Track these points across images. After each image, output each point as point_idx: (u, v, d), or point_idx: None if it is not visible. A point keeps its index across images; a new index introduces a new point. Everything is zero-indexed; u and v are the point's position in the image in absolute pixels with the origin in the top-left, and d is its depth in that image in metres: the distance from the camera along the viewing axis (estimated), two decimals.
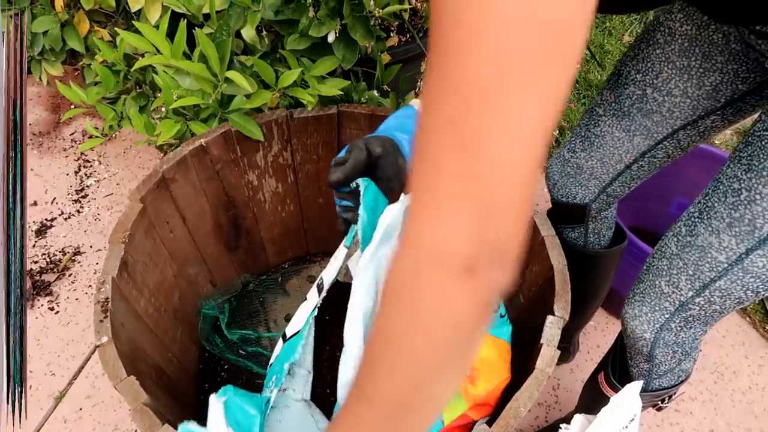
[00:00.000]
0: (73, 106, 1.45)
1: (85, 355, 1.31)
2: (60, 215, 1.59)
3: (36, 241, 1.52)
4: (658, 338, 0.76)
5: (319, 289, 0.79)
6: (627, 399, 0.65)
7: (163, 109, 1.14)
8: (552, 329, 0.74)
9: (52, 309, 1.39)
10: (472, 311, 0.38)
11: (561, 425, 0.77)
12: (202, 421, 0.65)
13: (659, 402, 0.89)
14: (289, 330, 0.83)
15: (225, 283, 1.16)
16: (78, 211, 1.60)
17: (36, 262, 1.47)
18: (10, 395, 0.67)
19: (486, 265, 0.36)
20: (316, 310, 0.78)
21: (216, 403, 0.67)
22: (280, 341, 0.85)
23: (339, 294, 0.87)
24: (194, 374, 1.09)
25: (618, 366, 0.89)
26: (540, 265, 0.87)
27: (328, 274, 0.77)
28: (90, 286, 1.43)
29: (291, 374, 0.94)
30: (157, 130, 1.08)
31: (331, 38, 1.16)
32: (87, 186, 1.66)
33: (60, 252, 1.50)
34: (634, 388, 0.66)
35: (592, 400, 0.70)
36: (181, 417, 0.69)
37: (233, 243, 1.15)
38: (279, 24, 1.08)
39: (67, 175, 1.69)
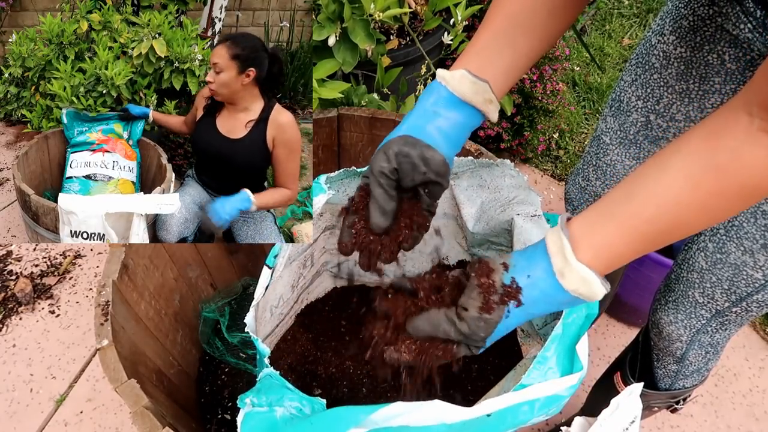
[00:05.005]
0: None
1: (85, 358, 1.31)
2: None
3: (37, 245, 1.52)
4: (695, 340, 0.78)
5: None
6: (628, 401, 0.65)
7: None
8: None
9: (53, 312, 1.39)
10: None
11: (561, 428, 0.77)
12: (203, 423, 0.65)
13: (675, 404, 0.89)
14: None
15: (225, 286, 1.16)
16: None
17: (37, 266, 1.47)
18: None
19: None
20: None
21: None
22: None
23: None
24: (195, 377, 1.09)
25: (639, 367, 0.89)
26: None
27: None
28: (91, 289, 1.44)
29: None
30: None
31: (331, 41, 1.17)
32: None
33: (61, 255, 1.50)
34: (635, 390, 0.66)
35: (603, 401, 0.71)
36: (182, 420, 0.69)
37: (233, 246, 1.15)
38: None
39: None
